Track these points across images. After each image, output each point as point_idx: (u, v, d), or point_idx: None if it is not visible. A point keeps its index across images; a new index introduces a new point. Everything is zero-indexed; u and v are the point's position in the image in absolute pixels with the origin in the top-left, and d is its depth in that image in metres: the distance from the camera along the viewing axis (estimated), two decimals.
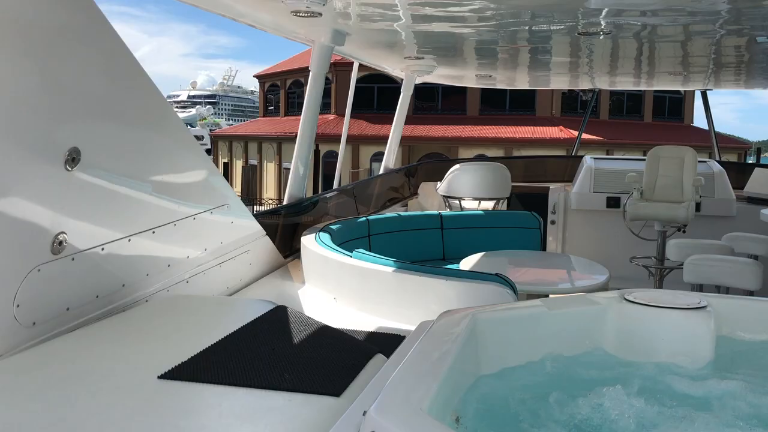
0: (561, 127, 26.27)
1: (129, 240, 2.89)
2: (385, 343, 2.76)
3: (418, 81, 8.14)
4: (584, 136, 22.88)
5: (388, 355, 2.28)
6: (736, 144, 31.54)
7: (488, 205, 7.18)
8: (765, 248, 5.43)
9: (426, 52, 6.17)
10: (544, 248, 7.15)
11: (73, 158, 2.40)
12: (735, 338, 2.75)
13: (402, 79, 7.73)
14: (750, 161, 26.90)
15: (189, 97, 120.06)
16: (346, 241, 4.87)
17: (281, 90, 33.24)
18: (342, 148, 7.25)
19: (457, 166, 7.31)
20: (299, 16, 4.30)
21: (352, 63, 6.82)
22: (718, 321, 2.69)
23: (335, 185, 7.11)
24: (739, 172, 8.28)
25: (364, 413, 1.66)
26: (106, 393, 2.01)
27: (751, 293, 4.77)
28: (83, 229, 2.61)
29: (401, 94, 7.74)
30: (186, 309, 2.95)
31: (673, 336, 2.66)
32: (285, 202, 5.18)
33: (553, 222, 7.97)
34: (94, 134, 2.55)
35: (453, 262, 5.53)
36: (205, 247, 3.60)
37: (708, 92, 10.06)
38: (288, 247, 4.82)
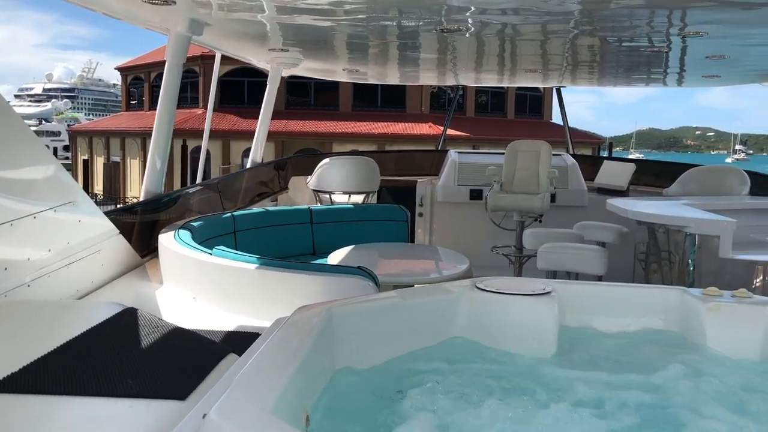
0: (430, 123, 26.96)
1: None
2: (244, 342, 2.68)
3: (288, 75, 8.05)
4: (452, 132, 23.59)
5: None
6: (591, 139, 33.70)
7: (358, 198, 7.22)
8: (611, 235, 5.82)
9: (291, 44, 6.09)
10: (412, 240, 7.29)
11: None
12: (577, 321, 2.91)
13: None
14: (603, 155, 28.86)
15: (44, 90, 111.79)
16: (209, 239, 4.70)
17: (145, 83, 31.77)
18: (205, 142, 7.01)
19: (326, 160, 7.29)
20: (152, 3, 4.10)
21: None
22: (562, 305, 2.84)
23: (198, 181, 6.87)
24: (592, 165, 8.83)
25: (204, 416, 1.59)
26: None
27: (599, 278, 5.10)
28: None
29: (267, 87, 7.62)
30: (24, 315, 2.72)
31: (520, 321, 2.78)
32: (141, 198, 4.93)
33: (420, 214, 8.15)
34: None
35: (323, 256, 5.50)
36: (49, 248, 3.35)
37: (566, 91, 10.66)
38: (146, 246, 4.60)
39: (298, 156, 13.80)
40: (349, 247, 5.30)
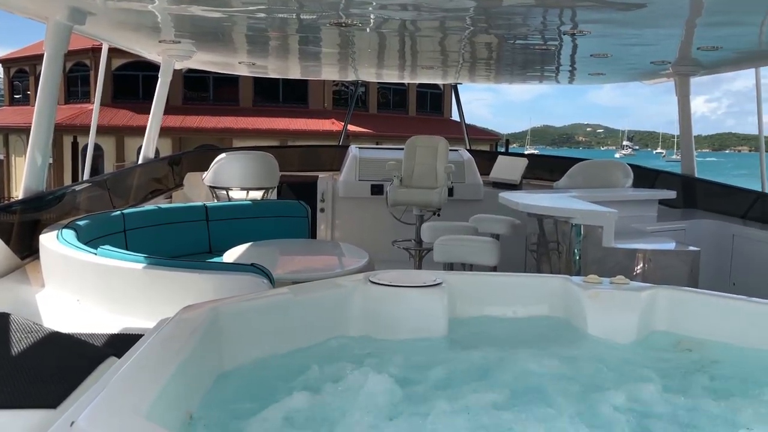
0: (333, 119, 26.88)
1: None
2: (128, 344, 2.55)
3: (182, 68, 7.79)
4: (355, 128, 23.61)
5: None
6: (489, 136, 34.68)
7: (257, 194, 7.08)
8: (504, 228, 6.00)
9: (183, 36, 5.90)
10: (313, 236, 7.23)
11: None
12: (467, 310, 2.98)
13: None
14: (501, 150, 29.72)
15: None
16: (96, 238, 4.48)
17: (31, 76, 29.85)
18: (92, 136, 6.69)
19: (223, 155, 7.11)
20: None
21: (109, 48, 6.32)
22: (452, 296, 2.90)
23: (85, 177, 6.53)
24: (488, 160, 9.07)
25: (72, 424, 1.49)
26: None
27: (494, 269, 5.24)
28: None
29: (159, 80, 7.32)
30: None
31: (412, 312, 2.82)
32: (21, 197, 4.64)
33: (322, 210, 8.11)
34: None
35: (220, 254, 5.36)
36: None
37: (464, 89, 10.94)
38: (26, 247, 4.33)
39: (193, 151, 13.33)
40: (246, 245, 5.19)
